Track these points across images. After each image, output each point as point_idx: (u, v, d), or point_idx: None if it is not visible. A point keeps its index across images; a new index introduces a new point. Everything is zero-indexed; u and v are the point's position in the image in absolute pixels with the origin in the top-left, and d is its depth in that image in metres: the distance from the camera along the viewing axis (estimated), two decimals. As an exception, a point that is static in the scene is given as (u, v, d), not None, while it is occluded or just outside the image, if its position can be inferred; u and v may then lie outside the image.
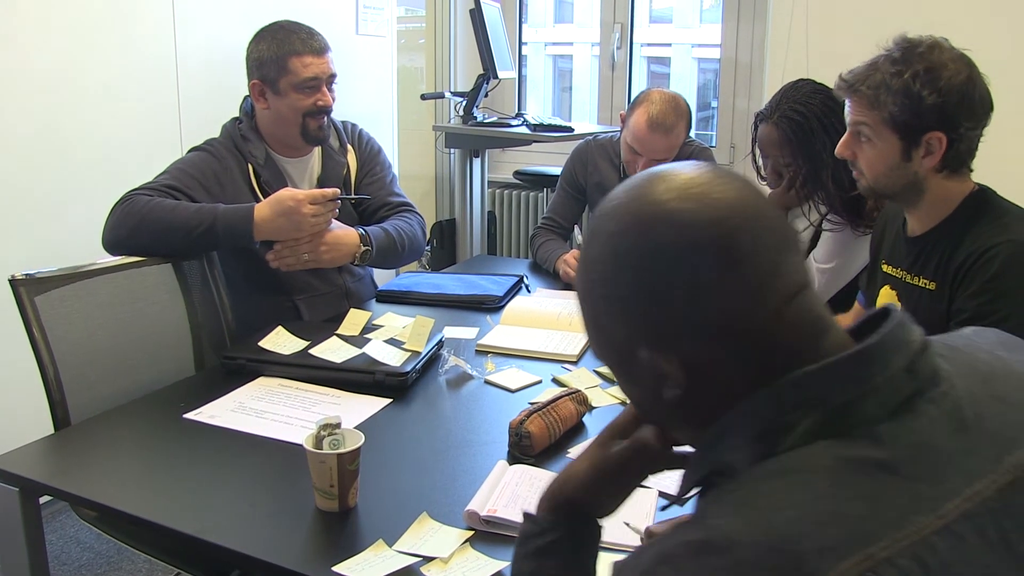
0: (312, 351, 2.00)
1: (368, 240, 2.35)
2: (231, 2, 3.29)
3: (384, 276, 2.93)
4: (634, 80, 4.76)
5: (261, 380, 1.93)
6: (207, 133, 2.45)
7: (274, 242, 2.24)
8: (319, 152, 2.50)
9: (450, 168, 4.88)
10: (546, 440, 1.62)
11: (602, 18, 4.68)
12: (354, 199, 2.47)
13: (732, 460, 0.79)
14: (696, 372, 0.81)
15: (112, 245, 2.16)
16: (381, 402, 1.84)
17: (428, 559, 1.27)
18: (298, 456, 1.45)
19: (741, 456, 0.78)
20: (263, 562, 1.29)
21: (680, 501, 0.89)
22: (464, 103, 4.09)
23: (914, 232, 1.87)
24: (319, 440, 1.40)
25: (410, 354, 1.99)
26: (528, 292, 2.68)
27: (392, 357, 1.96)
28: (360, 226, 2.40)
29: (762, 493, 0.73)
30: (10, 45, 2.63)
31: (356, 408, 1.80)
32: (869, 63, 1.75)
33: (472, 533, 1.34)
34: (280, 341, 2.04)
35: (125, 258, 2.13)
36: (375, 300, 2.58)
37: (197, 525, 1.37)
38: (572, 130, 3.89)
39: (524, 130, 3.91)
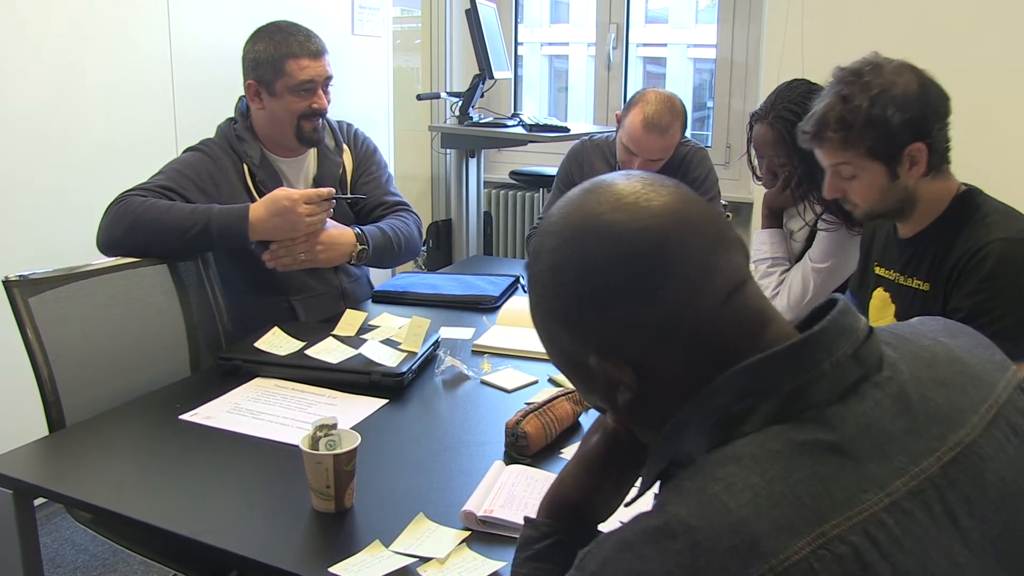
0: (308, 352, 1.99)
1: (364, 239, 2.34)
2: (226, 1, 3.28)
3: (380, 277, 2.93)
4: (630, 80, 4.76)
5: (257, 381, 1.93)
6: (202, 133, 2.45)
7: (270, 242, 2.24)
8: (315, 152, 2.49)
9: (446, 168, 4.87)
10: (542, 440, 1.62)
11: (598, 18, 4.68)
12: (349, 199, 2.47)
13: (689, 450, 0.82)
14: (645, 375, 0.84)
15: (106, 246, 2.16)
16: (377, 403, 1.84)
17: (425, 560, 1.27)
18: (294, 457, 1.44)
19: (698, 445, 0.81)
20: (259, 563, 1.29)
21: (641, 495, 0.92)
22: (460, 103, 4.09)
23: (905, 234, 1.89)
24: (315, 441, 1.40)
25: (406, 355, 1.98)
26: (524, 292, 2.67)
27: (388, 358, 1.96)
28: (356, 225, 2.39)
29: (717, 478, 0.75)
30: (4, 45, 2.63)
31: (352, 409, 1.80)
32: (823, 107, 1.77)
33: (469, 533, 1.34)
34: (276, 342, 2.04)
35: (120, 259, 2.12)
36: (371, 301, 2.58)
37: (193, 526, 1.37)
38: (568, 130, 3.89)
39: (520, 130, 3.91)
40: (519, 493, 1.43)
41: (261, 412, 1.78)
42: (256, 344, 2.02)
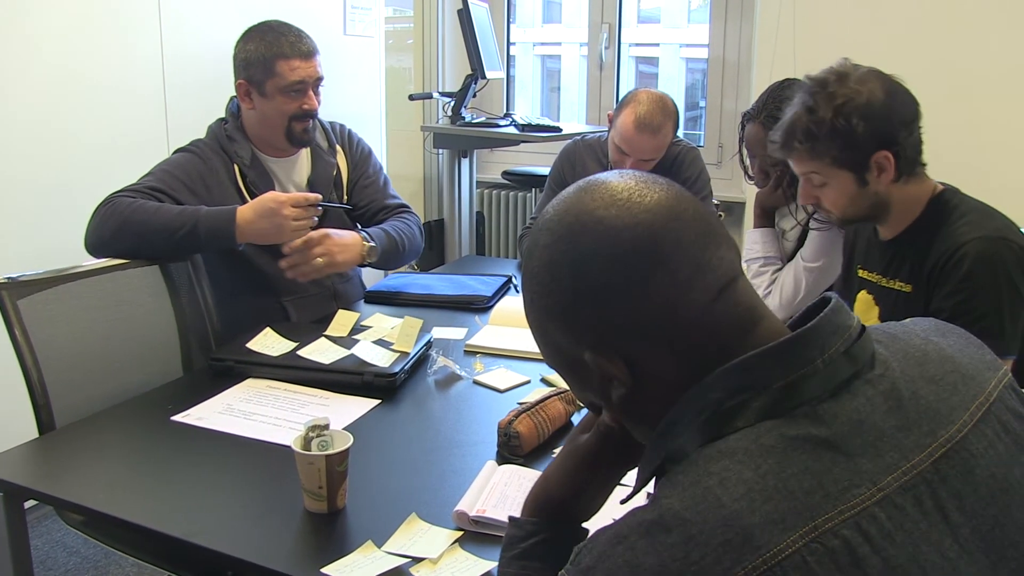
0: (300, 352, 1.99)
1: (371, 238, 2.37)
2: (218, 1, 3.27)
3: (372, 277, 2.93)
4: (622, 80, 4.76)
5: (249, 382, 1.93)
6: (193, 133, 2.44)
7: (262, 246, 2.24)
8: (308, 153, 2.49)
9: (438, 168, 4.87)
10: (535, 440, 1.61)
11: (590, 18, 4.68)
12: (337, 206, 2.46)
13: (683, 445, 0.82)
14: (639, 370, 0.85)
15: (95, 247, 2.15)
16: (370, 403, 1.83)
17: (417, 560, 1.27)
18: (286, 458, 1.44)
19: (691, 441, 0.82)
20: (251, 564, 1.28)
21: (637, 491, 0.91)
22: (452, 103, 4.08)
23: (886, 236, 1.90)
24: (307, 442, 1.39)
25: (399, 355, 1.98)
26: (516, 292, 2.67)
27: (381, 358, 1.95)
28: (361, 229, 2.42)
29: (711, 472, 0.76)
30: (-6, 46, 2.62)
31: (345, 409, 1.80)
32: (789, 118, 1.79)
33: (461, 534, 1.34)
34: (268, 342, 2.04)
35: (109, 261, 2.12)
36: (363, 301, 2.57)
37: (185, 528, 1.36)
38: (560, 130, 3.89)
39: (512, 130, 3.91)
40: (511, 493, 1.42)
41: (253, 413, 1.77)
42: (248, 345, 2.02)
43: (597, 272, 0.83)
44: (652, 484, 0.89)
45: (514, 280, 2.74)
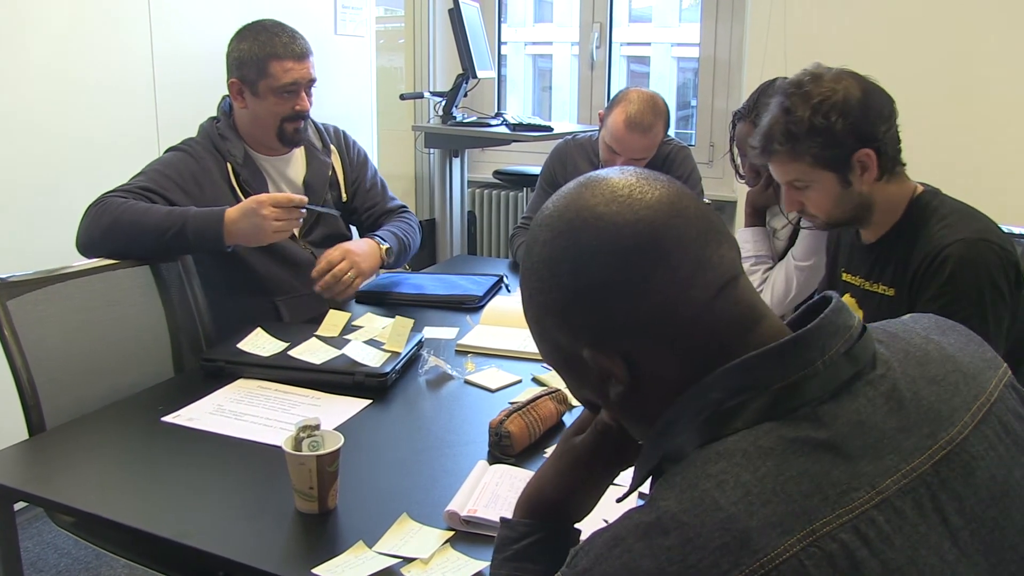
0: (291, 352, 1.99)
1: (383, 240, 2.45)
2: (208, 4, 3.26)
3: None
4: (614, 79, 4.76)
5: (240, 382, 1.92)
6: (184, 132, 2.43)
7: (247, 247, 2.26)
8: (303, 152, 2.50)
9: (430, 168, 4.86)
10: (526, 440, 1.61)
11: (581, 18, 4.68)
12: (325, 211, 2.47)
13: (681, 445, 0.82)
14: (637, 368, 0.85)
15: (85, 247, 2.15)
16: (361, 403, 1.83)
17: (408, 560, 1.27)
18: (278, 458, 1.44)
19: (689, 441, 0.81)
20: (242, 565, 1.28)
21: (633, 490, 0.91)
22: (443, 103, 4.08)
23: (868, 239, 1.91)
24: (298, 442, 1.39)
25: (390, 355, 1.98)
26: (508, 292, 2.67)
27: (372, 358, 1.95)
28: (370, 234, 2.50)
29: (709, 474, 0.75)
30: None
31: (336, 409, 1.80)
32: (768, 121, 1.78)
33: (452, 534, 1.34)
34: (259, 343, 2.03)
35: (100, 261, 2.11)
36: (355, 301, 2.57)
37: (176, 529, 1.36)
38: (551, 129, 3.89)
39: (504, 130, 3.91)
40: (503, 493, 1.42)
41: (244, 413, 1.77)
42: (239, 345, 2.01)
43: (597, 269, 0.83)
44: (648, 483, 0.88)
45: (505, 280, 2.74)
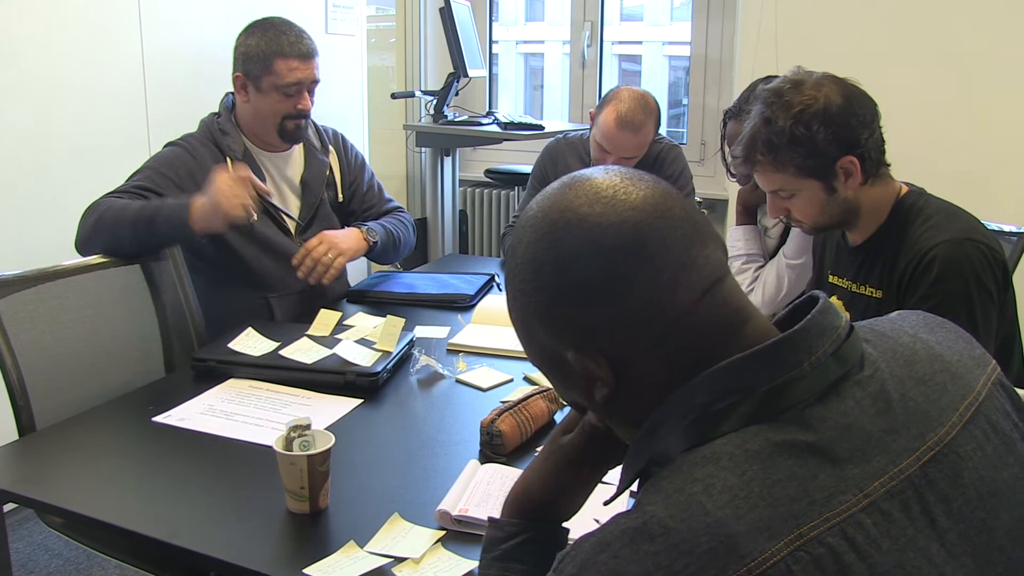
0: (282, 352, 1.98)
1: (364, 224, 2.51)
2: (198, 4, 3.25)
3: (357, 276, 2.92)
4: (605, 78, 4.76)
5: (231, 382, 1.92)
6: (174, 133, 2.43)
7: (250, 240, 2.25)
8: (302, 151, 2.53)
9: (421, 167, 4.86)
10: (517, 439, 1.62)
11: (572, 16, 4.68)
12: (286, 214, 2.46)
13: (667, 449, 0.81)
14: (622, 370, 0.84)
15: (78, 245, 2.17)
16: (352, 403, 1.83)
17: (400, 560, 1.27)
18: (269, 458, 1.44)
19: (676, 444, 0.80)
20: (233, 565, 1.28)
21: (620, 493, 0.91)
22: (435, 102, 4.08)
23: (855, 241, 1.90)
24: (289, 442, 1.39)
25: (381, 354, 1.98)
26: (499, 291, 2.67)
27: (363, 357, 1.95)
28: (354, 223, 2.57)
29: (695, 479, 0.75)
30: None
31: (327, 409, 1.79)
32: (749, 131, 1.77)
33: (444, 533, 1.34)
34: (250, 342, 2.03)
35: (90, 260, 2.11)
36: (346, 300, 2.57)
37: (167, 529, 1.36)
38: (543, 128, 3.89)
39: (495, 129, 3.91)
40: (494, 492, 1.42)
41: (235, 413, 1.77)
42: (230, 345, 2.01)
43: (580, 270, 0.82)
44: (635, 484, 0.88)
45: (497, 279, 2.74)
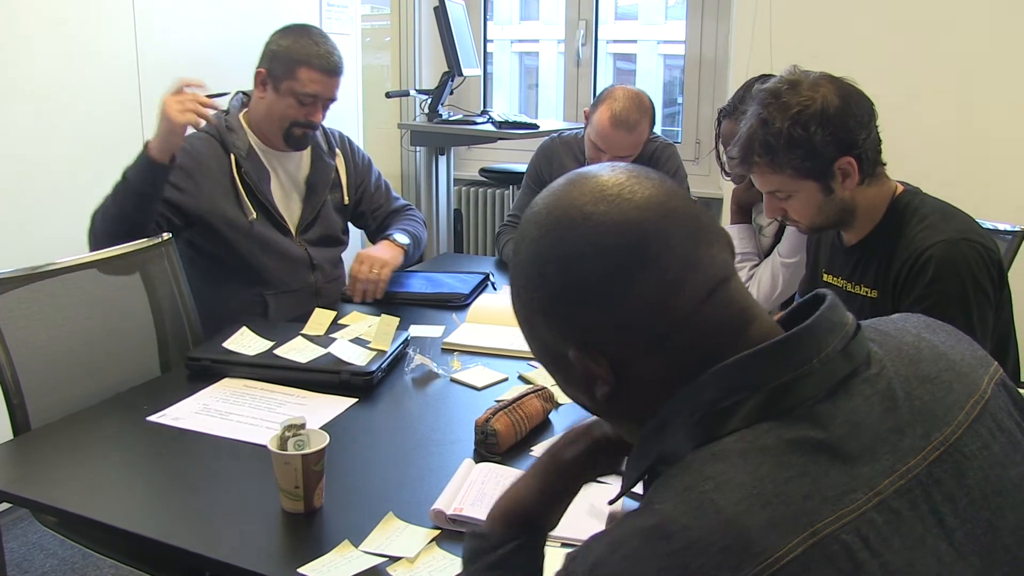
0: (277, 351, 1.98)
1: (395, 236, 2.58)
2: (192, 4, 3.25)
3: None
4: (600, 77, 4.76)
5: (226, 381, 1.92)
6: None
7: (250, 239, 2.32)
8: (309, 153, 2.56)
9: (416, 166, 4.86)
10: (512, 438, 1.62)
11: (567, 15, 4.68)
12: (218, 95, 2.41)
13: (675, 447, 0.80)
14: (623, 369, 0.83)
15: (90, 238, 2.25)
16: (347, 402, 1.83)
17: (394, 559, 1.27)
18: (264, 457, 1.44)
19: (683, 442, 0.80)
20: (228, 565, 1.28)
21: (625, 492, 0.90)
22: (429, 101, 4.08)
23: (850, 241, 1.90)
24: (284, 441, 1.39)
25: (376, 353, 1.98)
26: (494, 290, 2.67)
27: (358, 356, 1.95)
28: (382, 237, 2.63)
29: (707, 476, 0.74)
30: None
31: (322, 408, 1.79)
32: (745, 132, 1.76)
33: (438, 532, 1.34)
34: (245, 342, 2.03)
35: (84, 258, 2.10)
36: (341, 299, 2.57)
37: (162, 529, 1.36)
38: (537, 127, 3.89)
39: (489, 127, 3.91)
40: (489, 491, 1.43)
41: (230, 413, 1.77)
42: (225, 344, 2.01)
43: (584, 269, 0.81)
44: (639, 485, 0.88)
45: (492, 277, 2.74)
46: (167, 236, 2.25)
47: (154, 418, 1.74)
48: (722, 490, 0.72)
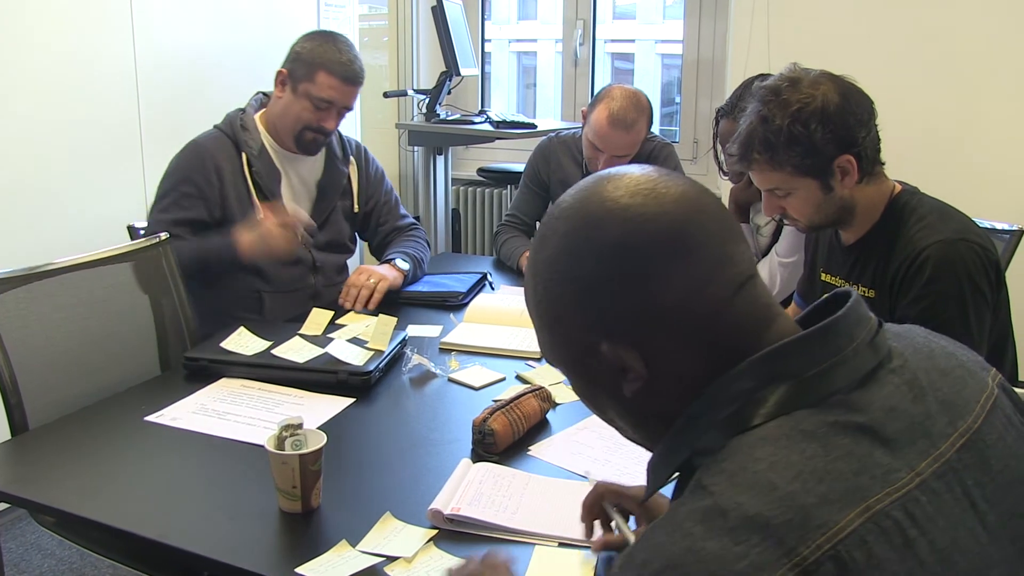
0: (275, 351, 1.98)
1: (398, 264, 2.57)
2: (189, 5, 3.25)
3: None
4: (598, 76, 4.76)
5: (223, 381, 1.92)
6: (167, 137, 2.44)
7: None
8: (323, 157, 2.57)
9: (413, 166, 4.86)
10: (510, 437, 1.62)
11: (565, 15, 4.68)
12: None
13: (711, 439, 0.81)
14: (655, 363, 0.84)
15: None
16: (344, 402, 1.83)
17: (392, 559, 1.27)
18: (261, 457, 1.44)
19: (720, 433, 0.80)
20: (226, 565, 1.28)
21: (655, 490, 0.91)
22: (427, 101, 4.08)
23: (848, 240, 1.90)
24: (281, 441, 1.39)
25: (373, 353, 1.98)
26: (492, 289, 2.67)
27: (355, 356, 1.95)
28: (387, 256, 2.64)
29: (757, 458, 0.75)
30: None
31: (319, 408, 1.79)
32: (745, 129, 1.76)
33: (436, 532, 1.34)
34: (242, 342, 2.03)
35: (82, 258, 2.10)
36: (337, 299, 2.56)
37: (159, 529, 1.36)
38: (535, 127, 3.89)
39: (487, 127, 3.91)
40: (486, 491, 1.43)
41: (227, 412, 1.77)
42: (222, 344, 2.01)
43: (621, 261, 0.82)
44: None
45: (489, 277, 2.74)
46: (164, 236, 2.25)
47: (152, 418, 1.74)
48: (775, 469, 0.73)
